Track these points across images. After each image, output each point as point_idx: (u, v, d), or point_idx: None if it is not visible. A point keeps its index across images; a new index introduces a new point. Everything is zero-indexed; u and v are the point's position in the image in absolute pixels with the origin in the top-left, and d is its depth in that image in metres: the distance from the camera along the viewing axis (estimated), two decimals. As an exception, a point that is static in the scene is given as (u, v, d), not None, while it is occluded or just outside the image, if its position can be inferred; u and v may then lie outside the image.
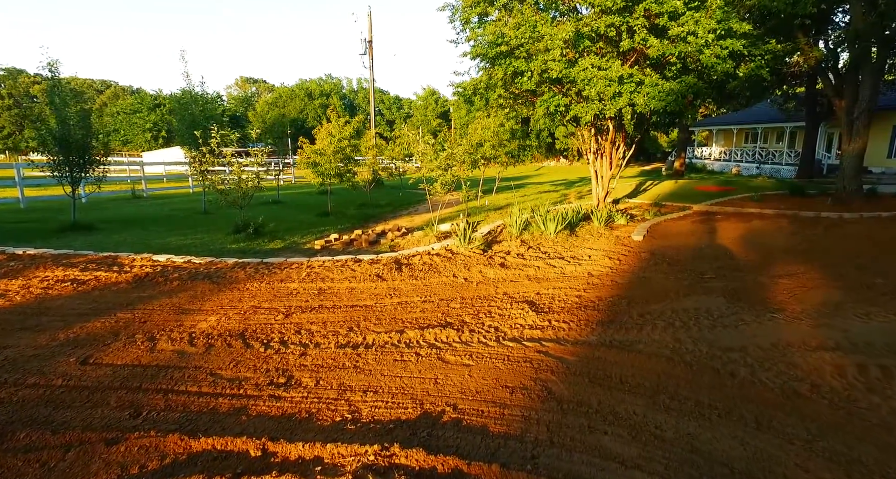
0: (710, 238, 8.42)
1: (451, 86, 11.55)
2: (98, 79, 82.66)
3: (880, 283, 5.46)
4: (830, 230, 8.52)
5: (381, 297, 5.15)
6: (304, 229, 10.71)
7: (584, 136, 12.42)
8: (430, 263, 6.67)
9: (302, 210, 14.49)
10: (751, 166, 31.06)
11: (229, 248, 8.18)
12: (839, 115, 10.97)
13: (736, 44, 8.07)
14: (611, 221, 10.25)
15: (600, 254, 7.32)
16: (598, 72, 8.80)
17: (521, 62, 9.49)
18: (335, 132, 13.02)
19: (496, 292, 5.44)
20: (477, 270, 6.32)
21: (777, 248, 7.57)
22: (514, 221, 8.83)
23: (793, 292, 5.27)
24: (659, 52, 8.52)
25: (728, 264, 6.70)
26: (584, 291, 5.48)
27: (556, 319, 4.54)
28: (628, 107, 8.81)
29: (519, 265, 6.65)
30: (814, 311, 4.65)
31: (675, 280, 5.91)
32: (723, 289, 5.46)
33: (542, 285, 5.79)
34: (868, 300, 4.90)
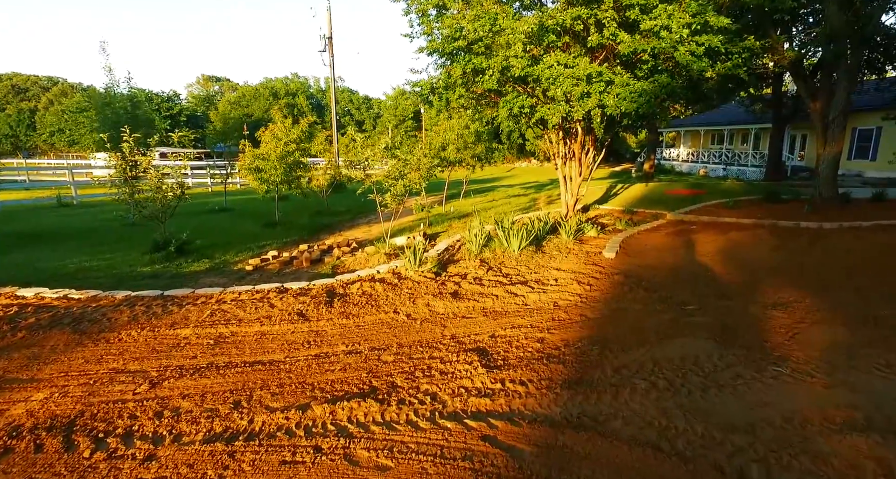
0: (687, 254, 7.65)
1: (408, 84, 10.50)
2: (44, 75, 77.73)
3: (887, 315, 4.72)
4: (815, 244, 7.89)
5: (296, 347, 4.05)
6: (243, 244, 9.45)
7: (551, 139, 11.58)
8: (370, 292, 5.60)
9: (249, 219, 13.16)
10: (717, 168, 31.24)
11: (139, 271, 6.89)
12: (813, 117, 10.49)
13: (713, 40, 7.32)
14: (581, 234, 9.41)
15: (569, 277, 6.41)
16: (564, 70, 7.92)
17: (480, 59, 8.53)
18: (281, 134, 11.76)
19: (443, 334, 4.42)
20: (424, 302, 5.29)
21: (762, 266, 6.84)
22: (472, 237, 7.84)
23: (792, 330, 4.46)
24: (630, 48, 7.71)
25: (711, 288, 5.89)
26: (549, 331, 4.53)
27: (512, 377, 3.56)
28: (598, 109, 7.97)
29: (475, 295, 5.65)
30: (823, 360, 3.82)
31: (654, 313, 5.03)
32: (710, 326, 4.60)
33: (499, 321, 4.81)
34: (882, 341, 4.12)
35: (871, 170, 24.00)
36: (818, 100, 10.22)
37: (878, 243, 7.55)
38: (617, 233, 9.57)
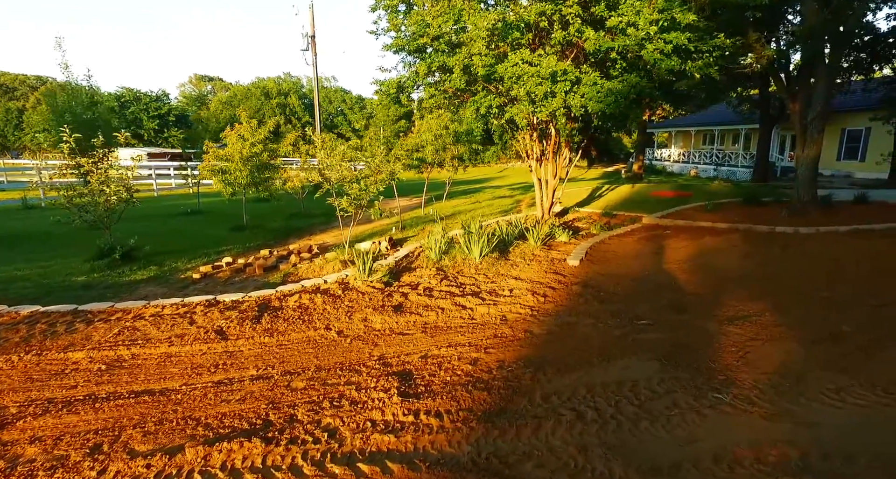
0: (655, 262, 7.35)
1: (375, 83, 10.16)
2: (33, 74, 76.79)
3: (848, 332, 4.42)
4: (787, 250, 7.59)
5: (200, 371, 3.70)
6: (202, 249, 9.09)
7: (525, 140, 11.27)
8: (307, 305, 5.25)
9: (219, 223, 12.77)
10: (708, 168, 31.04)
11: (73, 281, 6.51)
12: (793, 118, 10.21)
13: (680, 37, 7.01)
14: (551, 239, 9.10)
15: (525, 287, 6.09)
16: (528, 68, 7.60)
17: (442, 56, 8.20)
18: (247, 135, 11.38)
19: (370, 355, 4.09)
20: (361, 317, 4.95)
21: (729, 274, 6.54)
22: (432, 243, 7.51)
23: (744, 349, 4.15)
24: (595, 45, 7.39)
25: (671, 300, 5.58)
26: (487, 350, 4.20)
27: (429, 407, 3.23)
28: (563, 109, 7.65)
29: (420, 307, 5.32)
30: (770, 384, 3.51)
31: (604, 329, 4.72)
32: (659, 344, 4.29)
33: (437, 339, 4.48)
34: (837, 362, 3.82)
35: (861, 171, 23.84)
36: (797, 101, 9.94)
37: (852, 250, 7.27)
38: (589, 238, 9.26)
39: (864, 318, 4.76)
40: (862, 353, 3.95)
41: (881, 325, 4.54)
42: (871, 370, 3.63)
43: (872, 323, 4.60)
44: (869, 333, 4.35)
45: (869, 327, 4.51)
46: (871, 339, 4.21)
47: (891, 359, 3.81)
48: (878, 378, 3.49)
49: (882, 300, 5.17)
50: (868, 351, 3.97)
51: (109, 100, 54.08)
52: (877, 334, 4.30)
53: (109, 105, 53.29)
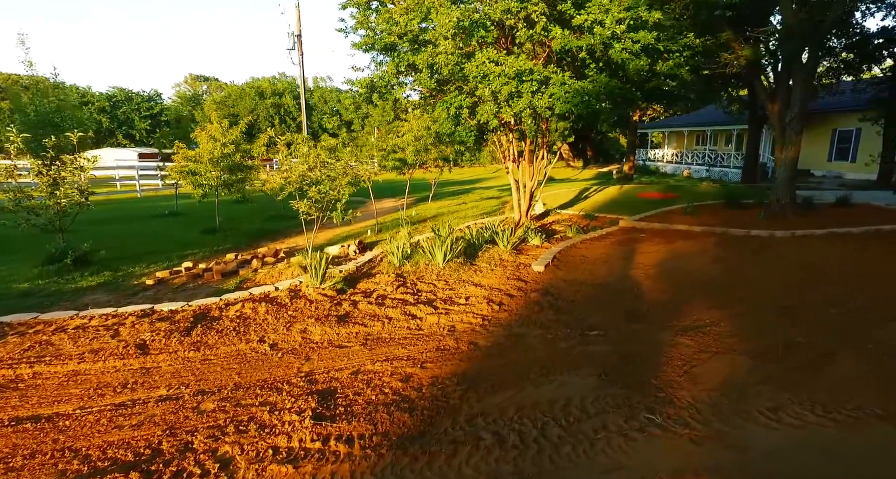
0: (622, 267, 7.16)
1: (347, 82, 9.95)
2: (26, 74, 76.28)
3: (801, 342, 4.24)
4: (758, 254, 7.42)
5: (103, 392, 3.47)
6: (167, 253, 8.89)
7: (500, 141, 11.07)
8: (248, 315, 5.05)
9: (194, 225, 12.55)
10: (701, 169, 30.86)
11: (14, 288, 6.29)
12: (772, 119, 10.04)
13: (647, 36, 6.82)
14: (523, 243, 8.92)
15: (483, 295, 5.90)
16: (494, 67, 7.40)
17: (407, 55, 8.01)
18: (218, 135, 11.16)
19: (299, 370, 3.89)
20: (301, 328, 4.75)
21: (695, 280, 6.36)
22: (394, 248, 7.31)
23: (691, 362, 3.96)
24: (562, 44, 7.20)
25: (629, 308, 5.39)
26: (424, 365, 4.01)
27: (342, 431, 3.03)
28: (528, 109, 7.46)
29: (367, 317, 5.12)
30: (708, 402, 3.33)
31: (551, 341, 4.53)
32: (604, 358, 4.11)
33: (375, 352, 4.29)
34: (781, 377, 3.63)
35: (851, 172, 23.72)
36: (776, 101, 9.77)
37: (823, 255, 7.10)
38: (564, 241, 9.08)
39: (822, 327, 4.58)
40: (810, 366, 3.77)
41: (837, 335, 4.37)
42: (815, 386, 3.45)
43: (829, 333, 4.42)
44: (823, 344, 4.18)
45: (824, 337, 4.34)
46: (823, 351, 4.03)
47: (837, 373, 3.64)
48: (819, 395, 3.31)
49: (843, 308, 4.99)
50: (816, 365, 3.79)
51: (101, 100, 53.87)
52: (830, 346, 4.12)
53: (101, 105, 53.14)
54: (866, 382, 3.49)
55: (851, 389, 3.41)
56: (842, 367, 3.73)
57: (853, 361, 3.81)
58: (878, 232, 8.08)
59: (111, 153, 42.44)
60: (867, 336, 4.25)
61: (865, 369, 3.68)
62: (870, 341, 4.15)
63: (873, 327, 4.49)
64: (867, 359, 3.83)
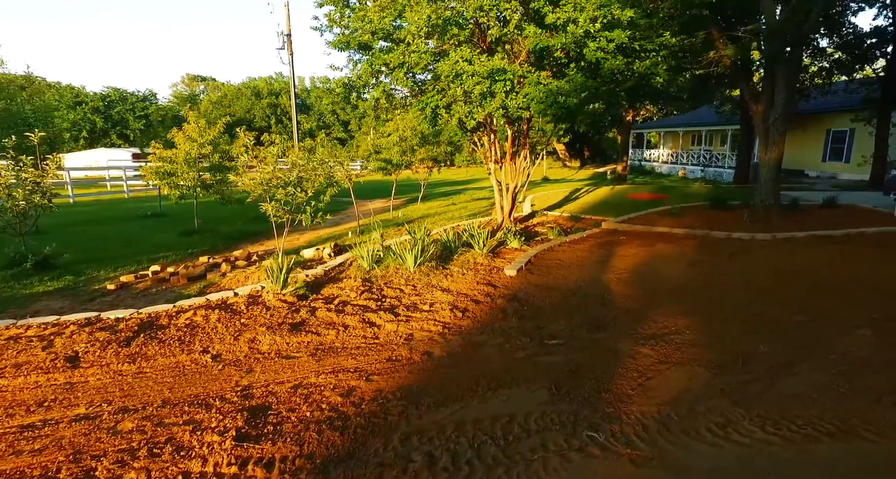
0: (596, 271, 7.00)
1: (322, 82, 9.78)
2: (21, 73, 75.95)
3: (763, 352, 4.08)
4: (735, 258, 7.26)
5: (13, 412, 3.20)
6: (138, 256, 8.73)
7: (483, 141, 10.90)
8: (199, 323, 4.88)
9: (174, 226, 12.39)
10: (696, 169, 30.70)
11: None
12: (755, 120, 9.88)
13: (621, 35, 6.66)
14: (502, 246, 8.75)
15: (448, 301, 5.74)
16: (467, 66, 7.23)
17: (381, 53, 7.84)
18: (195, 135, 10.97)
19: (236, 385, 3.72)
20: (251, 337, 4.58)
21: (667, 286, 6.20)
22: (363, 252, 7.15)
23: (647, 374, 3.80)
24: (535, 42, 7.03)
25: (595, 315, 5.23)
26: (370, 378, 3.84)
27: (264, 454, 2.85)
28: (500, 110, 7.29)
29: (322, 326, 4.96)
30: (657, 418, 3.16)
31: (508, 351, 4.37)
32: (558, 369, 3.94)
33: (323, 363, 4.12)
34: (738, 390, 3.47)
35: (845, 172, 23.59)
36: (760, 102, 9.61)
37: (801, 259, 6.94)
38: (543, 243, 8.91)
39: (787, 336, 4.43)
40: (768, 378, 3.61)
41: (801, 344, 4.22)
42: (769, 400, 3.29)
43: (793, 342, 4.27)
44: (785, 354, 4.02)
45: (788, 346, 4.18)
46: (783, 361, 3.87)
47: (793, 386, 3.48)
48: (772, 409, 3.16)
49: (812, 315, 4.84)
50: (775, 376, 3.63)
51: (94, 100, 53.52)
52: (791, 356, 3.96)
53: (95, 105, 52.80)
54: (822, 395, 3.33)
55: (807, 402, 3.25)
56: (800, 379, 3.57)
57: (812, 372, 3.65)
58: (861, 235, 7.93)
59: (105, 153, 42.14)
60: (830, 346, 4.09)
61: (824, 381, 3.53)
62: (833, 350, 4.00)
63: (838, 335, 4.34)
64: (826, 370, 3.67)
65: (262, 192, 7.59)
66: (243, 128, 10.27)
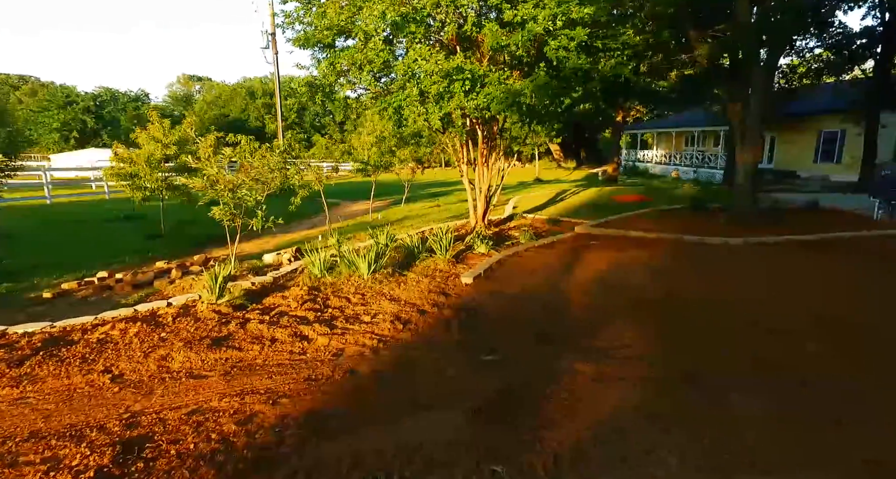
0: (558, 278, 6.70)
1: (285, 81, 9.48)
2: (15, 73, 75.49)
3: (708, 370, 3.78)
4: (702, 265, 6.97)
5: None
6: (92, 261, 8.42)
7: (455, 143, 10.60)
8: (113, 338, 4.55)
9: (143, 229, 12.07)
10: (689, 170, 30.44)
11: None
12: (732, 122, 9.60)
13: (580, 33, 6.37)
14: (469, 251, 8.44)
15: (394, 311, 5.43)
16: (424, 64, 6.94)
17: (337, 52, 7.55)
18: (159, 135, 10.65)
19: (125, 411, 3.37)
20: (164, 354, 4.26)
21: (627, 294, 5.90)
22: (315, 259, 6.84)
23: (579, 395, 3.50)
24: (494, 40, 6.74)
25: (544, 327, 4.94)
26: (278, 401, 3.52)
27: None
28: (458, 110, 7.00)
29: (249, 339, 4.65)
30: (573, 448, 2.86)
31: (441, 367, 4.07)
32: (488, 389, 3.64)
33: (234, 384, 3.81)
34: (670, 414, 3.17)
35: (836, 173, 23.35)
36: (737, 103, 9.33)
37: (769, 265, 6.66)
38: (511, 248, 8.61)
39: (737, 350, 4.14)
40: (705, 400, 3.32)
41: (750, 360, 3.92)
42: (702, 426, 2.99)
43: (741, 358, 3.98)
44: (730, 371, 3.73)
45: (735, 363, 3.89)
46: (727, 380, 3.58)
47: (732, 408, 3.18)
48: (700, 437, 2.85)
49: (767, 327, 4.55)
50: (714, 397, 3.34)
51: (86, 100, 53.09)
52: (737, 374, 3.67)
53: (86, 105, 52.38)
54: (759, 419, 3.04)
55: (740, 429, 2.96)
56: (741, 401, 3.27)
57: (755, 394, 3.36)
58: (836, 239, 7.65)
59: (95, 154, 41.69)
60: (779, 363, 3.80)
61: (766, 404, 3.23)
62: (781, 367, 3.71)
63: (790, 350, 4.06)
64: (771, 391, 3.38)
65: (214, 194, 7.30)
66: (213, 128, 9.97)
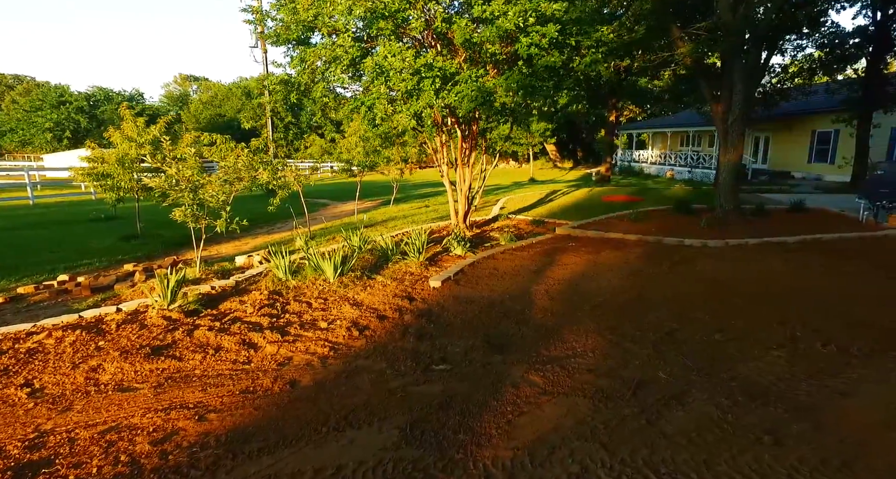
0: (528, 282, 6.51)
1: (259, 79, 9.28)
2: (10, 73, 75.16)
3: (662, 379, 3.59)
4: (678, 267, 6.78)
5: None
6: (56, 263, 8.24)
7: (436, 142, 10.41)
8: (44, 348, 4.34)
9: (120, 231, 11.88)
10: (684, 170, 30.28)
11: None
12: (716, 122, 9.42)
13: (551, 29, 6.18)
14: (445, 253, 8.26)
15: (353, 317, 5.25)
16: (394, 61, 6.75)
17: (305, 49, 7.36)
18: (133, 134, 10.44)
19: (35, 429, 3.14)
20: (94, 365, 4.05)
21: (595, 299, 5.71)
22: (280, 262, 6.64)
23: (521, 409, 3.31)
24: (463, 36, 6.55)
25: (503, 333, 4.75)
26: (205, 416, 3.33)
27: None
28: (428, 109, 6.81)
29: (193, 348, 4.46)
30: (506, 468, 2.67)
31: (387, 378, 3.88)
32: (429, 402, 3.45)
33: (163, 398, 3.61)
34: (610, 430, 2.98)
35: (830, 173, 23.23)
36: (720, 102, 9.15)
37: (745, 268, 6.48)
38: (488, 250, 8.42)
39: (697, 358, 3.95)
40: (653, 411, 3.13)
41: (707, 369, 3.75)
42: (643, 440, 2.80)
43: (699, 366, 3.79)
44: (684, 380, 3.55)
45: (691, 371, 3.71)
46: (679, 390, 3.39)
47: (677, 421, 2.99)
48: (640, 453, 2.67)
49: (732, 334, 4.37)
50: (662, 409, 3.15)
51: (79, 99, 52.79)
52: (690, 383, 3.49)
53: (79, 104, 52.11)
54: (703, 434, 2.86)
55: (681, 443, 2.77)
56: (687, 412, 3.09)
57: (704, 404, 3.18)
58: (817, 241, 7.47)
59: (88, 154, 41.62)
60: (736, 371, 3.62)
61: (712, 415, 3.06)
62: (736, 377, 3.53)
63: (749, 358, 3.87)
64: (720, 402, 3.19)
65: (176, 195, 7.11)
66: (191, 128, 9.72)
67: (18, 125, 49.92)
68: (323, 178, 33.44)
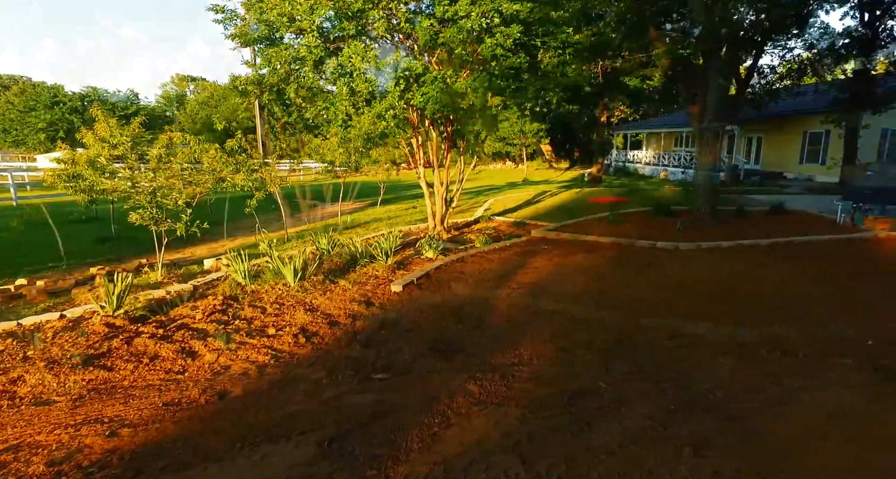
0: (492, 287, 6.37)
1: (231, 80, 9.17)
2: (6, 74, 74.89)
3: (602, 388, 3.46)
4: (645, 271, 6.66)
5: None
6: (19, 267, 8.11)
7: (413, 143, 10.29)
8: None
9: (97, 232, 11.74)
10: (677, 171, 30.18)
11: None
12: (692, 123, 9.30)
13: (513, 31, 6.05)
14: (417, 256, 8.12)
15: (304, 323, 5.11)
16: (357, 61, 6.62)
17: (265, 49, 7.23)
18: (105, 135, 10.27)
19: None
20: (15, 376, 3.90)
21: (556, 304, 5.57)
22: (239, 266, 6.50)
23: (450, 421, 3.16)
24: (427, 36, 6.43)
25: (454, 340, 4.62)
26: (117, 432, 3.17)
27: None
28: (391, 110, 6.68)
29: (127, 356, 4.31)
30: (414, 491, 2.54)
31: (321, 388, 3.75)
32: (358, 413, 3.31)
33: (79, 412, 3.45)
34: (536, 443, 2.82)
35: (821, 174, 23.13)
36: (696, 103, 9.03)
37: (710, 272, 6.35)
38: (459, 253, 8.29)
39: (643, 366, 3.82)
40: (584, 422, 2.98)
41: (652, 377, 3.61)
42: (565, 453, 2.64)
43: (643, 374, 3.66)
44: (625, 389, 3.41)
45: (634, 380, 3.57)
46: (616, 400, 3.25)
47: (605, 433, 2.84)
48: (557, 467, 2.52)
49: (681, 341, 4.24)
50: (593, 420, 3.01)
51: (73, 100, 52.54)
52: (630, 392, 3.34)
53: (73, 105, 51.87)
54: (627, 446, 2.71)
55: (602, 457, 2.62)
56: (618, 423, 2.95)
57: (637, 415, 3.04)
58: (788, 244, 7.35)
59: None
60: (678, 379, 3.49)
61: (642, 425, 2.91)
62: (677, 385, 3.39)
63: (696, 364, 3.75)
64: (654, 412, 3.05)
65: (136, 197, 6.98)
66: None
67: (12, 126, 49.70)
68: (318, 178, 33.32)
